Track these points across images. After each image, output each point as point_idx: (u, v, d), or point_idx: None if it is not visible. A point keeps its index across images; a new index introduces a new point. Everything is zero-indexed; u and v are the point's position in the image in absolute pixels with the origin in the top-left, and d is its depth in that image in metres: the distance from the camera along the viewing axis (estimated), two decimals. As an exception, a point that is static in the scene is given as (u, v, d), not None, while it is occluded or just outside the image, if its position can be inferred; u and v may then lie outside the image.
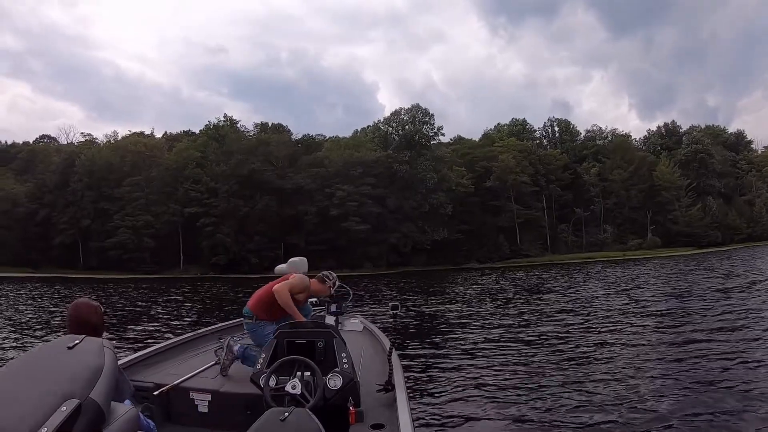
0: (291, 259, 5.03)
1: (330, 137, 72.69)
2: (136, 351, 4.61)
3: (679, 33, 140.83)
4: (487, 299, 18.93)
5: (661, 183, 69.26)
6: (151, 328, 12.75)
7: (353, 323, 5.67)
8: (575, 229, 69.57)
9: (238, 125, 68.11)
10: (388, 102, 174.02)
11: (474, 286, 26.11)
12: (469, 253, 62.48)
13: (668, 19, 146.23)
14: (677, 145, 77.12)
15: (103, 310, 2.68)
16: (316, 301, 5.05)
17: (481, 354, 8.62)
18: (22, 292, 27.56)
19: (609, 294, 18.00)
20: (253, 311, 4.24)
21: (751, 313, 11.02)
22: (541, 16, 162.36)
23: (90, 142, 70.89)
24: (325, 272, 4.56)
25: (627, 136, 79.56)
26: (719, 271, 25.51)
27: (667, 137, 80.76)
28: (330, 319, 4.74)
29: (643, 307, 13.61)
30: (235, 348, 4.03)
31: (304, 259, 5.06)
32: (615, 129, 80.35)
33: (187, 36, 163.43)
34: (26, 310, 18.10)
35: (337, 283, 4.55)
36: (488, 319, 13.05)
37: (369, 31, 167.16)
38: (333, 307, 4.94)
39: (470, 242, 63.09)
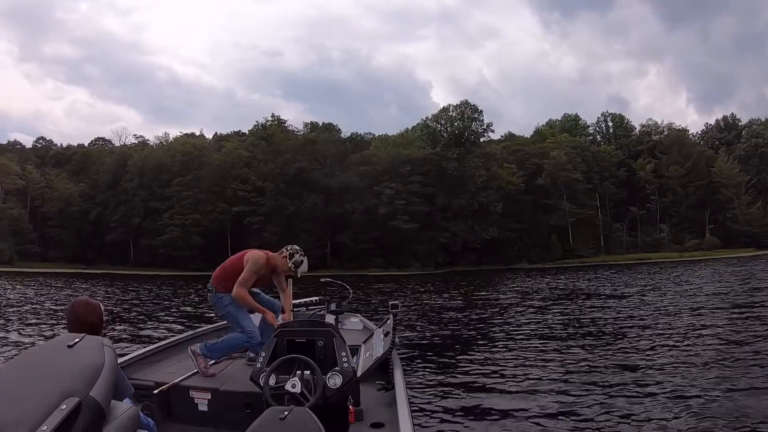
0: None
1: (378, 135, 72.28)
2: (139, 348, 4.60)
3: (736, 23, 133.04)
4: (507, 299, 17.71)
5: (720, 179, 65.45)
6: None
7: (353, 322, 5.75)
8: (630, 229, 66.75)
9: (287, 124, 68.35)
10: (442, 99, 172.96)
11: (505, 287, 24.88)
12: (521, 253, 60.96)
13: (724, 9, 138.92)
14: (737, 140, 73.07)
15: (103, 309, 2.59)
16: (315, 300, 5.08)
17: (483, 353, 8.25)
18: (50, 287, 27.47)
19: (659, 300, 15.55)
20: (213, 284, 4.18)
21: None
22: (595, 10, 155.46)
23: (142, 144, 72.74)
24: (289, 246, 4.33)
25: (684, 131, 75.41)
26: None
27: (726, 131, 76.67)
28: (330, 318, 4.76)
29: (701, 314, 11.68)
30: (198, 350, 3.93)
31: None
32: (671, 123, 76.58)
33: (240, 40, 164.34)
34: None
35: (296, 255, 4.16)
36: (496, 320, 12.44)
37: (421, 29, 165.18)
38: (333, 306, 5.04)
39: (521, 241, 61.59)
